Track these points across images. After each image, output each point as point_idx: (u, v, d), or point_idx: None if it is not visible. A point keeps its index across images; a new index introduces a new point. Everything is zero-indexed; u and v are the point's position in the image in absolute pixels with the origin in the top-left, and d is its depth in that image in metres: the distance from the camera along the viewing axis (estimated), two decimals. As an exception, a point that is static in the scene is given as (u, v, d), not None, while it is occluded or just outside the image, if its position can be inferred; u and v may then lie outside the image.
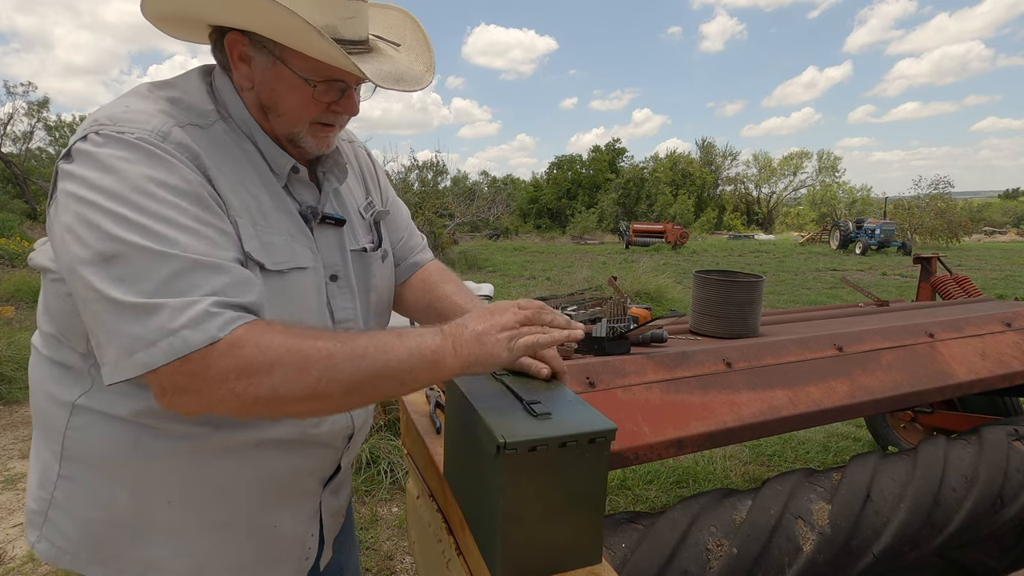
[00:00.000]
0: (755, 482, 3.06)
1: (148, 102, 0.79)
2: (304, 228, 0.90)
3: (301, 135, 0.88)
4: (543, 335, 0.80)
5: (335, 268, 0.94)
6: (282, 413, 0.73)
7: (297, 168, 0.90)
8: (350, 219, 0.99)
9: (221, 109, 0.85)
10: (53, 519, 0.86)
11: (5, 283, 7.61)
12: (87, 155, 0.72)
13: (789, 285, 11.15)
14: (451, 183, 24.00)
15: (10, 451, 3.55)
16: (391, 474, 3.02)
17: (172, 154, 0.75)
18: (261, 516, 0.90)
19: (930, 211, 23.19)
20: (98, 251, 0.67)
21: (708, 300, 1.80)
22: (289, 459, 0.90)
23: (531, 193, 44.62)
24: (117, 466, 0.82)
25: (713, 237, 29.91)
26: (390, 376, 0.73)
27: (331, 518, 1.05)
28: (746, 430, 1.30)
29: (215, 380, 0.67)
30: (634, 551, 1.13)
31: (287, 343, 0.69)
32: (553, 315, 0.84)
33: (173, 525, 0.84)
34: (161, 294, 0.67)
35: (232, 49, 0.83)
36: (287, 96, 0.84)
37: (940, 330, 1.74)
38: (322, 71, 0.82)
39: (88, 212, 0.69)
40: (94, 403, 0.82)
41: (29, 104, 22.94)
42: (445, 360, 0.76)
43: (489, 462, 0.80)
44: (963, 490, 1.41)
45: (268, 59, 0.82)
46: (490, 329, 0.78)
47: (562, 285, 9.54)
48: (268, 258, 0.82)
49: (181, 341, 0.65)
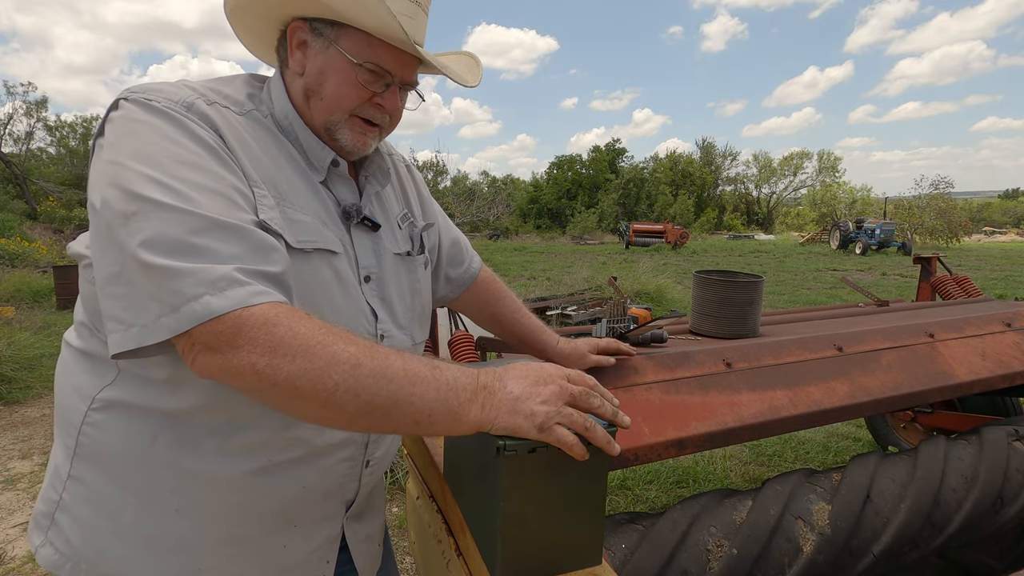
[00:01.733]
0: (755, 482, 3.06)
1: (180, 84, 0.81)
2: (338, 220, 0.88)
3: (339, 125, 0.87)
4: (577, 442, 0.74)
5: (370, 270, 0.92)
6: (290, 409, 0.69)
7: (337, 161, 0.89)
8: (389, 225, 0.98)
9: (260, 106, 0.87)
10: (60, 522, 0.83)
11: (5, 283, 7.61)
12: (113, 122, 0.74)
13: (789, 285, 11.15)
14: (451, 183, 24.01)
15: (10, 451, 3.55)
16: (391, 474, 3.02)
17: (194, 120, 0.76)
18: (273, 535, 0.86)
19: (930, 211, 23.21)
20: (120, 211, 0.67)
21: (708, 300, 1.80)
22: (304, 473, 0.85)
23: (531, 193, 44.62)
24: (129, 466, 0.79)
25: (713, 237, 29.92)
26: (408, 412, 0.69)
27: (361, 545, 1.00)
28: (746, 430, 1.30)
29: (241, 347, 0.64)
30: (634, 551, 1.13)
31: (319, 337, 0.66)
32: (602, 401, 0.77)
33: (180, 537, 0.80)
34: (180, 255, 0.65)
35: (292, 36, 0.86)
36: (332, 78, 0.85)
37: (940, 330, 1.74)
38: (369, 55, 0.84)
39: (112, 174, 0.69)
40: (116, 394, 0.80)
41: (29, 104, 22.96)
42: (469, 416, 0.71)
43: (489, 463, 0.80)
44: (963, 490, 1.41)
45: (322, 43, 0.84)
46: (529, 397, 0.73)
47: (562, 285, 9.54)
48: (290, 233, 0.79)
49: (202, 306, 0.64)
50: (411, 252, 1.00)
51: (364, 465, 0.94)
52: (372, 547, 1.03)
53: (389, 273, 0.95)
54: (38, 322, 6.59)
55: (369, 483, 0.98)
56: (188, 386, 0.77)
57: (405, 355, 0.71)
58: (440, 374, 0.71)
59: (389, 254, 0.95)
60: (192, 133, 0.74)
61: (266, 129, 0.85)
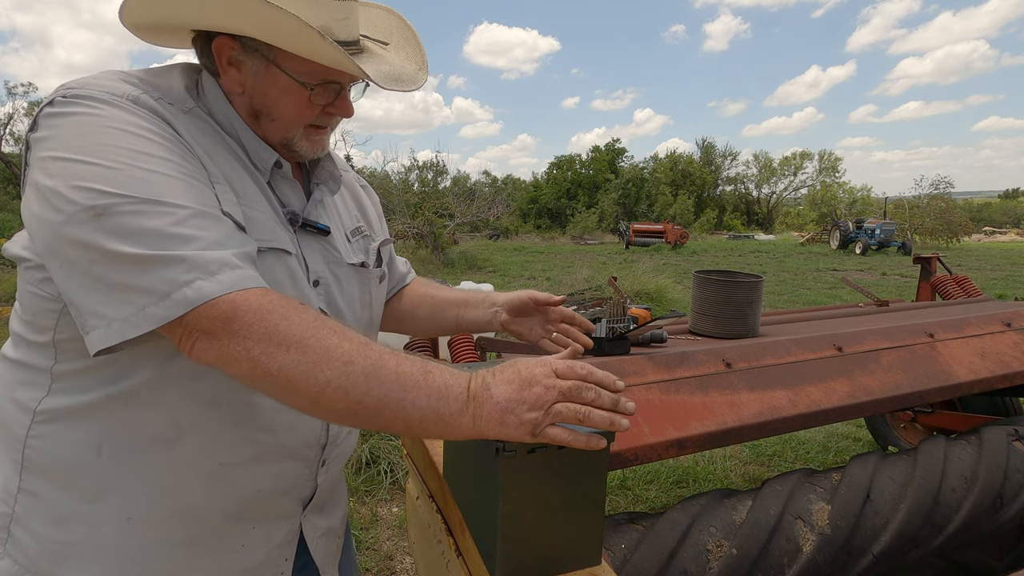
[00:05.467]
0: (755, 482, 3.06)
1: (118, 77, 0.76)
2: (286, 223, 0.86)
3: (296, 139, 0.86)
4: (574, 436, 0.71)
5: (319, 274, 0.90)
6: (283, 399, 0.68)
7: (280, 163, 0.87)
8: (339, 234, 0.96)
9: (200, 104, 0.82)
10: (15, 534, 0.81)
11: (5, 283, 7.61)
12: (55, 116, 0.69)
13: (789, 285, 11.15)
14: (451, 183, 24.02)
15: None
16: (391, 474, 3.02)
17: (144, 114, 0.72)
18: (229, 536, 0.85)
19: (930, 211, 23.20)
20: (86, 207, 0.64)
21: (708, 300, 1.80)
22: (257, 475, 0.84)
23: (531, 193, 44.64)
24: (78, 477, 0.78)
25: (713, 237, 29.91)
26: (399, 416, 0.67)
27: (320, 539, 0.98)
28: (746, 430, 1.30)
29: (237, 333, 0.64)
30: (634, 551, 1.13)
31: (313, 329, 0.66)
32: (597, 392, 0.72)
33: (135, 544, 0.79)
34: (165, 244, 0.64)
35: (220, 54, 0.80)
36: (282, 100, 0.81)
37: (940, 330, 1.74)
38: (319, 74, 0.80)
39: (68, 171, 0.65)
40: (56, 403, 0.78)
41: (29, 104, 22.95)
42: (461, 427, 0.69)
43: (488, 464, 0.80)
44: (963, 490, 1.41)
45: (260, 63, 0.79)
46: (515, 405, 0.70)
47: (562, 285, 9.54)
48: (249, 231, 0.76)
49: (195, 291, 0.63)
50: (366, 264, 0.99)
51: (320, 464, 0.92)
52: (332, 540, 1.02)
53: (340, 282, 0.93)
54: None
55: (327, 479, 0.96)
56: (131, 378, 0.75)
57: (399, 355, 0.70)
58: (432, 380, 0.69)
59: (343, 264, 0.94)
60: (146, 123, 0.71)
61: (210, 126, 0.81)
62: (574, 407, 0.70)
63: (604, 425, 0.71)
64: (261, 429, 0.82)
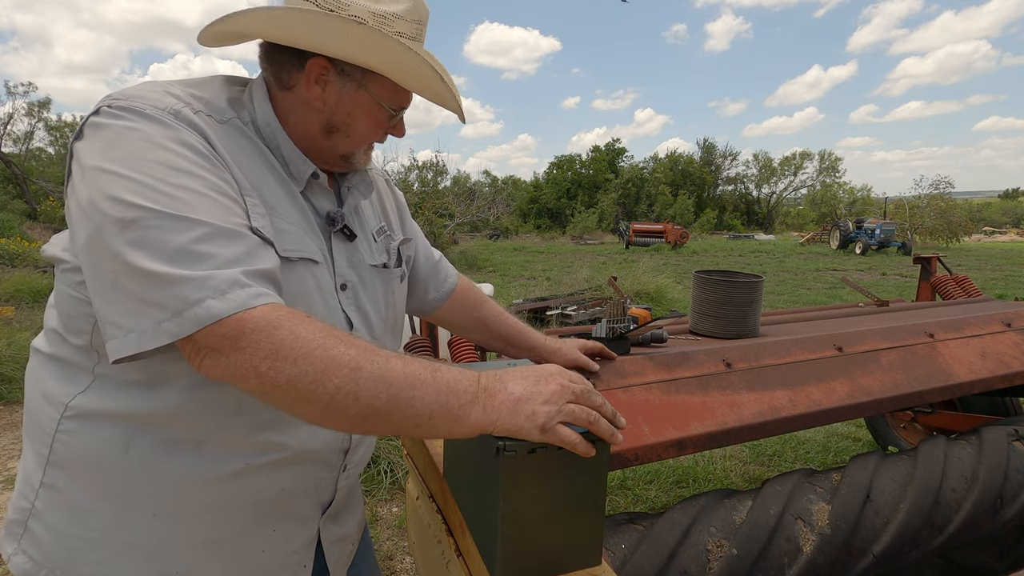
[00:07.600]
0: (755, 482, 3.06)
1: (162, 89, 0.79)
2: (318, 230, 0.89)
3: (357, 154, 0.93)
4: (581, 440, 0.75)
5: (346, 278, 0.93)
6: (294, 411, 0.70)
7: (317, 174, 0.90)
8: (365, 236, 0.99)
9: (242, 112, 0.86)
10: (33, 529, 0.82)
11: (5, 283, 7.61)
12: (98, 127, 0.72)
13: (789, 285, 11.15)
14: (451, 183, 24.02)
15: (10, 451, 3.55)
16: (391, 474, 3.02)
17: (184, 127, 0.75)
18: (250, 538, 0.86)
19: (930, 211, 23.19)
20: (116, 218, 0.66)
21: (708, 300, 1.80)
22: (281, 477, 0.86)
23: (531, 193, 44.62)
24: (104, 473, 0.79)
25: (713, 237, 29.91)
26: (409, 415, 0.69)
27: (334, 546, 1.00)
28: (746, 430, 1.30)
29: (243, 350, 0.65)
30: (634, 552, 1.13)
31: (319, 340, 0.67)
32: (603, 402, 0.78)
33: (157, 542, 0.80)
34: (182, 262, 0.66)
35: (311, 72, 0.84)
36: (363, 121, 0.88)
37: (940, 330, 1.74)
38: (399, 100, 0.89)
39: (104, 181, 0.68)
40: (89, 402, 0.80)
41: (29, 104, 22.94)
42: (470, 418, 0.71)
43: (488, 464, 0.80)
44: (963, 490, 1.41)
45: (351, 85, 0.85)
46: (530, 398, 0.73)
47: (562, 285, 9.53)
48: (278, 242, 0.79)
49: (205, 310, 0.65)
50: (387, 264, 1.01)
51: (342, 469, 0.95)
52: (346, 547, 1.04)
53: (365, 283, 0.96)
54: (38, 322, 6.58)
55: (346, 486, 0.98)
56: (164, 388, 0.77)
57: (406, 358, 0.72)
58: (440, 376, 0.71)
59: (365, 265, 0.96)
60: (183, 140, 0.73)
61: (247, 137, 0.84)
62: (586, 409, 0.76)
63: (606, 434, 0.76)
64: (286, 434, 0.84)
